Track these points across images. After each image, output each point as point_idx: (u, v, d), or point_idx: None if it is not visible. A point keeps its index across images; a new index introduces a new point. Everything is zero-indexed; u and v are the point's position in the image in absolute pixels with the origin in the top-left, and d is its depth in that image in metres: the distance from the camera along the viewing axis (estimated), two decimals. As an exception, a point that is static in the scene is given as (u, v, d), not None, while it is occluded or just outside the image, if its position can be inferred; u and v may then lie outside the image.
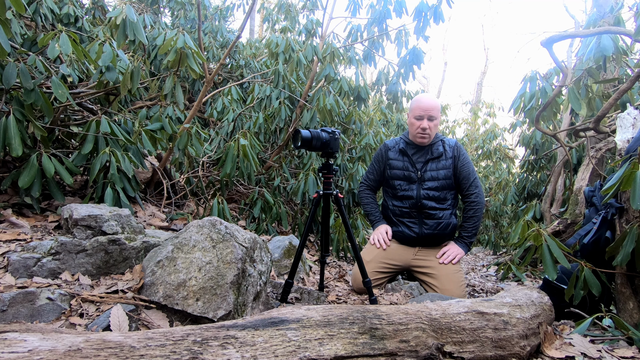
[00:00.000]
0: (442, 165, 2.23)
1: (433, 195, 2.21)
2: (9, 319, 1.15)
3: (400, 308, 1.10)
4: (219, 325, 0.85)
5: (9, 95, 1.93)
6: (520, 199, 5.54)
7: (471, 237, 2.24)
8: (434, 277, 2.16)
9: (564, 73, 2.98)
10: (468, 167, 2.24)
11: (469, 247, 2.24)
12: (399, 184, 2.28)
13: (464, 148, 2.33)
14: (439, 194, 2.22)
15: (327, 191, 1.84)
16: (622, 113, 1.81)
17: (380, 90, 4.53)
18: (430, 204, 2.21)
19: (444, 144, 2.26)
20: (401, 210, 2.27)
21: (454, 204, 2.28)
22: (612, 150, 3.46)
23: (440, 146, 2.25)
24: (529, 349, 1.22)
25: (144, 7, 4.90)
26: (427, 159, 2.25)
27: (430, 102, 2.19)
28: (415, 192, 2.23)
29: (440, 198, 2.22)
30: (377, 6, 3.78)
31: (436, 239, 2.24)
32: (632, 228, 1.44)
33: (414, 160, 2.26)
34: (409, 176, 2.26)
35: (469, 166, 2.25)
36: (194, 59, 2.42)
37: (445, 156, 2.24)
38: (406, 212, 2.26)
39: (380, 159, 2.38)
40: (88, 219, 1.51)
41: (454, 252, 2.19)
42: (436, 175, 2.23)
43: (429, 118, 2.18)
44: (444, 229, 2.21)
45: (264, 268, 1.60)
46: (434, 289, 2.15)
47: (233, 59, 5.04)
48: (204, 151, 3.20)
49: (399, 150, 2.32)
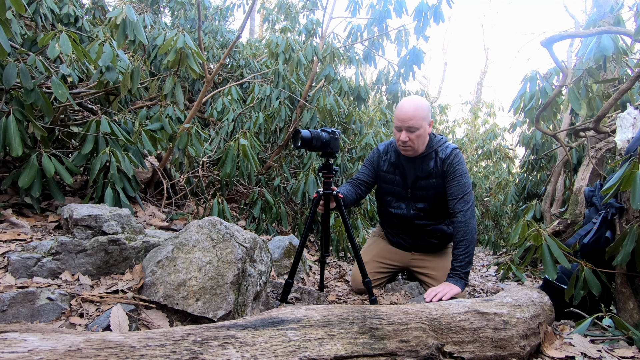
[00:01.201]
0: (431, 184, 2.02)
1: (425, 215, 2.07)
2: (9, 319, 1.15)
3: (400, 308, 1.10)
4: (219, 325, 0.85)
5: (9, 95, 1.93)
6: (520, 199, 5.54)
7: (465, 266, 1.87)
8: (433, 277, 2.12)
9: (564, 73, 2.98)
10: (457, 182, 1.97)
11: (466, 280, 1.87)
12: (389, 199, 2.14)
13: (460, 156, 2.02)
14: (431, 213, 2.07)
15: (327, 191, 1.83)
16: (622, 113, 1.81)
17: (380, 90, 4.53)
18: (423, 222, 2.08)
19: (436, 158, 2.01)
20: (394, 224, 2.18)
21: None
22: (612, 150, 3.46)
23: (431, 161, 2.00)
24: (529, 349, 1.22)
25: (144, 7, 4.90)
26: (417, 176, 2.03)
27: (407, 112, 1.89)
28: (405, 211, 2.09)
29: (434, 215, 2.08)
30: (377, 6, 3.78)
31: (432, 248, 2.19)
32: (632, 228, 1.44)
33: (405, 174, 2.06)
34: (399, 193, 2.09)
35: (458, 181, 1.97)
36: (194, 59, 2.42)
37: (436, 173, 2.00)
38: (399, 228, 2.17)
39: (372, 164, 2.19)
40: (88, 219, 1.51)
41: (443, 292, 1.79)
42: (425, 196, 2.04)
43: (408, 129, 1.91)
44: (440, 239, 2.13)
45: (264, 268, 1.60)
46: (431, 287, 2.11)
47: (233, 59, 5.04)
48: (204, 151, 3.20)
49: (390, 162, 2.11)
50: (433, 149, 2.01)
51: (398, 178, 2.08)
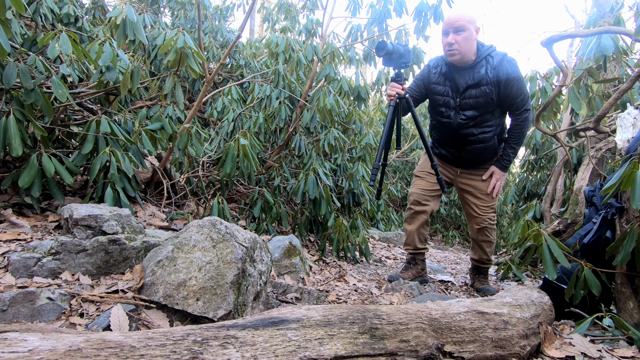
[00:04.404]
0: (482, 92, 2.06)
1: (472, 124, 2.15)
2: (9, 319, 1.15)
3: (400, 308, 1.10)
4: (219, 325, 0.85)
5: (9, 95, 1.93)
6: (520, 198, 5.54)
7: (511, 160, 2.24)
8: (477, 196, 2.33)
9: (564, 73, 2.98)
10: (512, 87, 2.02)
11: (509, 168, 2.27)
12: (440, 110, 2.24)
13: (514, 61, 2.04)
14: (478, 121, 2.14)
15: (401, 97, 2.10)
16: (622, 113, 1.81)
17: (380, 90, 4.53)
18: (469, 131, 2.16)
19: (487, 65, 2.04)
20: (441, 136, 2.31)
21: (500, 122, 2.21)
22: (612, 150, 3.46)
23: (482, 69, 2.04)
24: (529, 348, 1.22)
25: (144, 7, 4.90)
26: (468, 85, 2.08)
27: (454, 14, 1.99)
28: (453, 120, 2.18)
29: (481, 123, 2.15)
30: (377, 6, 3.78)
31: (476, 162, 2.29)
32: (632, 228, 1.44)
33: (456, 84, 2.13)
34: (448, 102, 2.18)
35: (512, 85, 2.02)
36: (194, 59, 2.42)
37: (487, 80, 2.04)
38: (445, 139, 2.29)
39: (421, 79, 2.30)
40: (88, 219, 1.51)
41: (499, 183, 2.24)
42: (475, 104, 2.11)
43: (455, 31, 1.98)
44: (482, 152, 2.22)
45: (264, 268, 1.60)
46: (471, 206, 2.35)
47: (233, 59, 5.04)
48: (204, 151, 3.20)
49: (441, 73, 2.19)
50: (483, 57, 2.06)
51: (448, 89, 2.18)
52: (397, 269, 2.86)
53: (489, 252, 2.49)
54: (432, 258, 4.22)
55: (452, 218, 8.12)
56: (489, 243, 2.47)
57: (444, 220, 8.19)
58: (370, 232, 4.62)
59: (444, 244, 7.49)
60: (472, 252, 2.60)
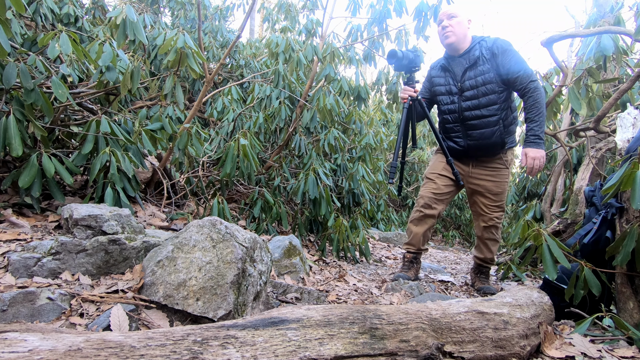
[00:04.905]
0: (480, 71, 2.18)
1: (475, 105, 2.23)
2: (9, 319, 1.15)
3: (400, 308, 1.10)
4: (219, 325, 0.85)
5: (9, 95, 1.93)
6: (520, 198, 5.54)
7: (541, 125, 2.11)
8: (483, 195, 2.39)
9: (564, 73, 2.98)
10: (509, 58, 2.12)
11: (542, 138, 2.13)
12: (442, 99, 2.36)
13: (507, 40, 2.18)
14: (481, 101, 2.21)
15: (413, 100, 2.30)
16: (622, 113, 1.81)
17: (380, 90, 4.53)
18: (474, 113, 2.24)
19: (481, 48, 2.19)
20: (447, 124, 2.38)
21: (505, 106, 2.24)
22: (612, 150, 3.46)
23: (477, 50, 2.20)
24: (529, 348, 1.22)
25: (144, 7, 4.90)
26: (465, 68, 2.23)
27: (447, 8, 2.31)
28: (457, 105, 2.28)
29: (484, 104, 2.21)
30: (377, 6, 3.78)
31: (482, 149, 2.31)
32: (632, 228, 1.44)
33: (454, 72, 2.29)
34: (450, 90, 2.31)
35: (509, 56, 2.12)
36: (194, 59, 2.42)
37: (483, 59, 2.17)
38: (451, 127, 2.36)
39: (427, 79, 2.50)
40: (88, 219, 1.51)
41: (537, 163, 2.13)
42: (474, 84, 2.21)
43: (448, 17, 2.20)
44: (488, 137, 2.25)
45: (264, 268, 1.60)
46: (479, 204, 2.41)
47: (233, 59, 5.04)
48: (204, 151, 3.20)
49: (440, 67, 2.37)
50: (477, 42, 2.23)
51: (449, 78, 2.33)
52: (397, 269, 2.86)
53: (493, 251, 2.50)
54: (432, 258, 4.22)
55: (452, 218, 8.13)
56: (494, 242, 2.48)
57: (444, 220, 8.19)
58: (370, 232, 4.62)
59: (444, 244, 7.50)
60: (477, 251, 2.60)
